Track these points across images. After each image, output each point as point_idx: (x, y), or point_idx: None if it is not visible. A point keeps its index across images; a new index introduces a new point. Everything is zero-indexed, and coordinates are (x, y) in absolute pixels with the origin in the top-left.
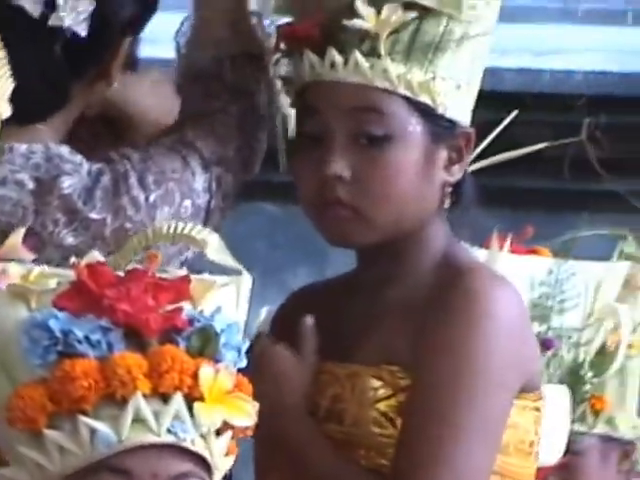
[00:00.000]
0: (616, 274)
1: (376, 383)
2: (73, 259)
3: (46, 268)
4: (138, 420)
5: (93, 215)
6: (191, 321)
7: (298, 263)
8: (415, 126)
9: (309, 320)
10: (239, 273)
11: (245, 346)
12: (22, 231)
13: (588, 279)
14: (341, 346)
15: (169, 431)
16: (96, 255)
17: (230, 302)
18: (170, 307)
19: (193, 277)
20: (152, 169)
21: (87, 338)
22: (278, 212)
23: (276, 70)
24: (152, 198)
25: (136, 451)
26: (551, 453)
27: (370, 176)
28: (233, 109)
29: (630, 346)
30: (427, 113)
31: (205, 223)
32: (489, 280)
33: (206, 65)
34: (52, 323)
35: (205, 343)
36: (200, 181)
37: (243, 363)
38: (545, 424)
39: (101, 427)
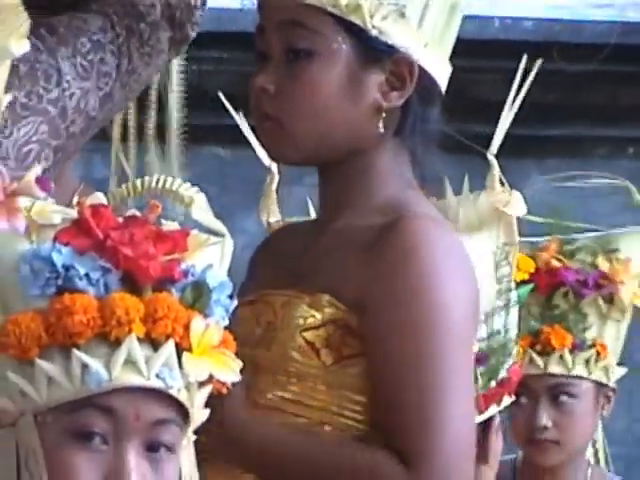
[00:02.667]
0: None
1: (307, 311)
2: (76, 198)
3: (48, 203)
4: (129, 362)
5: None
6: (186, 274)
7: (249, 206)
8: (341, 44)
9: None
10: (220, 235)
11: (232, 306)
12: (37, 169)
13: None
14: (294, 276)
15: (157, 376)
16: (100, 197)
17: (215, 261)
18: (167, 257)
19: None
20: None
21: (87, 275)
22: (227, 155)
23: None
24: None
25: (123, 392)
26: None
27: (290, 90)
28: None
29: (635, 295)
30: (357, 34)
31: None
32: (429, 225)
33: None
34: (55, 256)
35: (198, 297)
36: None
37: (226, 322)
38: None
39: (93, 364)
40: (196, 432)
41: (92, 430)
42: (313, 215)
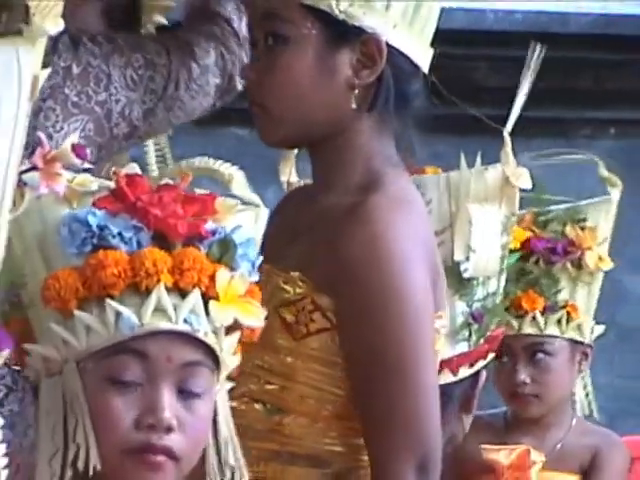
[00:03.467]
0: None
1: (282, 288)
2: (113, 169)
3: (89, 176)
4: (158, 309)
5: None
6: (214, 232)
7: (267, 182)
8: (310, 30)
9: None
10: (256, 206)
11: (258, 261)
12: (74, 137)
13: (442, 184)
14: (278, 252)
15: (185, 321)
16: (135, 167)
17: (249, 228)
18: (195, 218)
19: (218, 197)
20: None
21: (120, 234)
22: (246, 135)
23: None
24: None
25: (154, 336)
26: (489, 264)
27: (270, 76)
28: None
29: (600, 259)
30: (325, 19)
31: None
32: (390, 206)
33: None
34: (90, 218)
35: (224, 252)
36: None
37: (255, 277)
38: (476, 237)
39: (125, 311)
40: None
41: (128, 373)
42: None
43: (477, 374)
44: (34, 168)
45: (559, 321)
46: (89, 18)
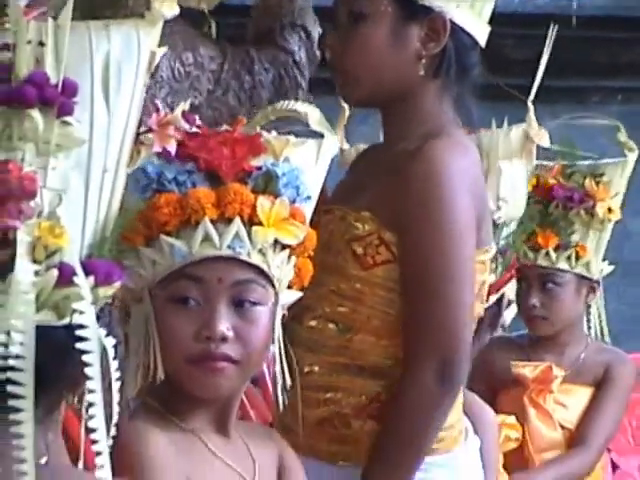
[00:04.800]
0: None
1: (354, 225)
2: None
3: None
4: (206, 239)
5: None
6: (259, 167)
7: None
8: (387, 7)
9: None
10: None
11: (303, 187)
12: (185, 105)
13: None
14: (351, 194)
15: (229, 247)
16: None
17: (310, 157)
18: (246, 157)
19: (270, 136)
20: None
21: (175, 179)
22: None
23: None
24: None
25: (205, 262)
26: (517, 211)
27: (349, 45)
28: None
29: (610, 211)
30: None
31: None
32: (447, 148)
33: None
34: (149, 168)
35: (268, 183)
36: None
37: (301, 198)
38: (505, 188)
39: (177, 243)
40: None
41: (186, 295)
42: None
43: (501, 297)
44: (150, 130)
45: (569, 257)
46: None
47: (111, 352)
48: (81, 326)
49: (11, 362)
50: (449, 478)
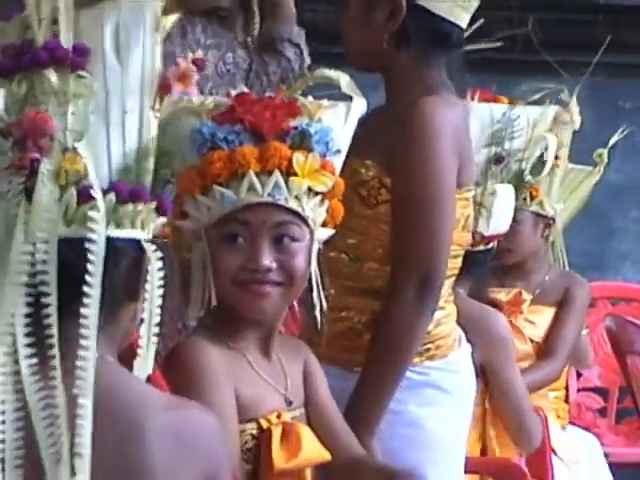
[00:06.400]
0: (547, 114)
1: (358, 172)
2: (230, 91)
3: (216, 97)
4: (250, 188)
5: None
6: (295, 127)
7: None
8: None
9: None
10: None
11: (333, 143)
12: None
13: (529, 117)
14: (359, 147)
15: (269, 194)
16: (244, 88)
17: (340, 117)
18: (285, 119)
19: (306, 100)
20: None
21: (225, 138)
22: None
23: None
24: None
25: (251, 207)
26: (501, 226)
27: (344, 24)
28: None
29: (557, 158)
30: None
31: None
32: (436, 104)
33: None
34: (204, 129)
35: (302, 140)
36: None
37: (331, 152)
38: (496, 207)
39: (227, 192)
40: None
41: (235, 234)
42: None
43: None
44: (168, 80)
45: (525, 198)
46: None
47: (157, 265)
48: (91, 231)
49: (38, 267)
50: (446, 379)
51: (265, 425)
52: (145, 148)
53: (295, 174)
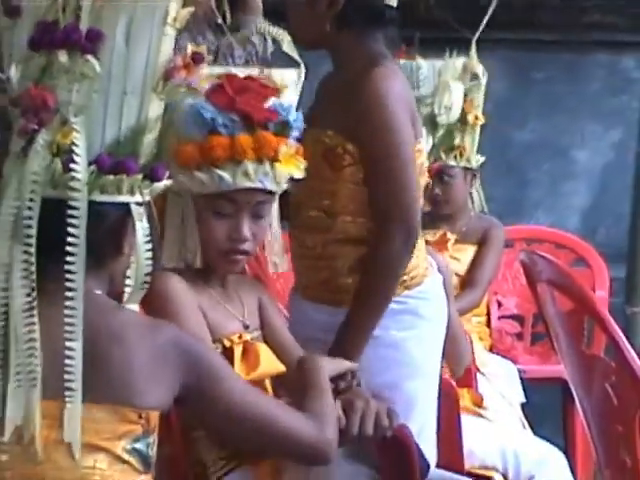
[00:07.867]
0: (451, 63)
1: (322, 140)
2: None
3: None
4: (245, 174)
5: None
6: (277, 113)
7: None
8: None
9: None
10: (297, 64)
11: (300, 124)
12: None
13: (435, 67)
14: (318, 117)
15: (260, 181)
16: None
17: (292, 85)
18: (269, 102)
19: (275, 75)
20: None
21: (224, 124)
22: None
23: None
24: None
25: (241, 190)
26: None
27: (289, 13)
28: None
29: (476, 118)
30: None
31: None
32: (385, 75)
33: None
34: (205, 113)
35: (283, 129)
36: None
37: (299, 132)
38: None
39: (225, 176)
40: None
41: (224, 211)
42: None
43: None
44: (175, 66)
45: (455, 157)
46: None
47: (141, 224)
48: (72, 197)
49: (25, 222)
50: (422, 306)
51: (228, 344)
52: (143, 125)
53: (279, 161)
